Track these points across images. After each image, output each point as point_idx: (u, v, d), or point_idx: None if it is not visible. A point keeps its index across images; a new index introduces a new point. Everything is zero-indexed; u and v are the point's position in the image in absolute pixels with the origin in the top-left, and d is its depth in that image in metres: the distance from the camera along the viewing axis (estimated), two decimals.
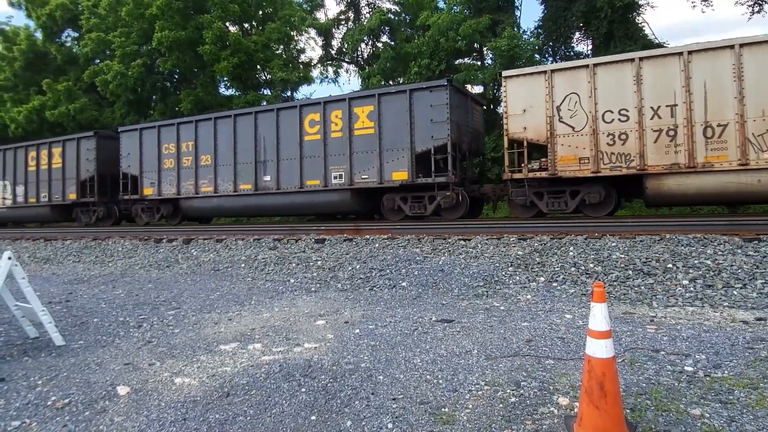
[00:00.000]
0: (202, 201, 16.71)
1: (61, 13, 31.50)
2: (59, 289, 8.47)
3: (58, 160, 19.88)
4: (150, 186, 17.65)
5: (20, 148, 21.27)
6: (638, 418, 2.86)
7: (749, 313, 5.23)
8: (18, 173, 21.21)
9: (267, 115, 15.44)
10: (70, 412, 3.32)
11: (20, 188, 21.15)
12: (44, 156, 20.34)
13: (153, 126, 17.89)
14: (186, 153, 16.92)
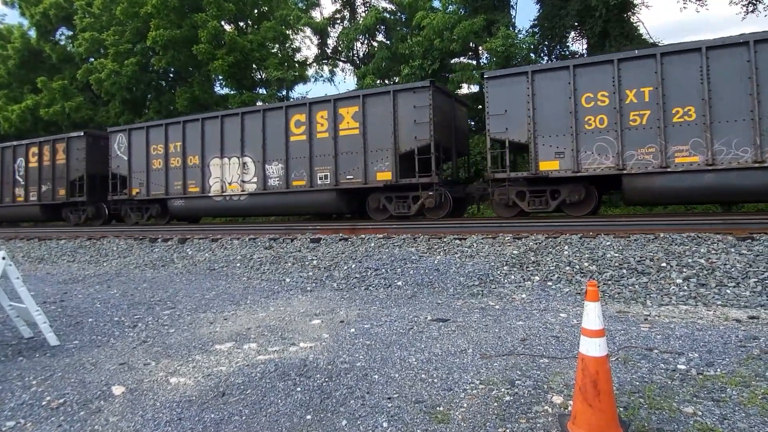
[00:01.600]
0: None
1: (55, 11, 31.32)
2: (54, 288, 8.44)
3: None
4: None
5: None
6: (631, 416, 2.88)
7: (742, 312, 5.27)
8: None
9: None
10: (65, 412, 3.32)
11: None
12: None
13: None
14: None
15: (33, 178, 20.24)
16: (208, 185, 16.11)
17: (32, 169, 20.27)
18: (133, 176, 17.77)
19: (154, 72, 28.85)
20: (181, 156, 16.64)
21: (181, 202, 16.84)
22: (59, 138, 19.74)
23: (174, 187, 16.85)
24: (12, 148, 21.02)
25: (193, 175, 16.44)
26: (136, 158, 17.73)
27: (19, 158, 20.69)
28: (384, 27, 26.22)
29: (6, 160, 21.09)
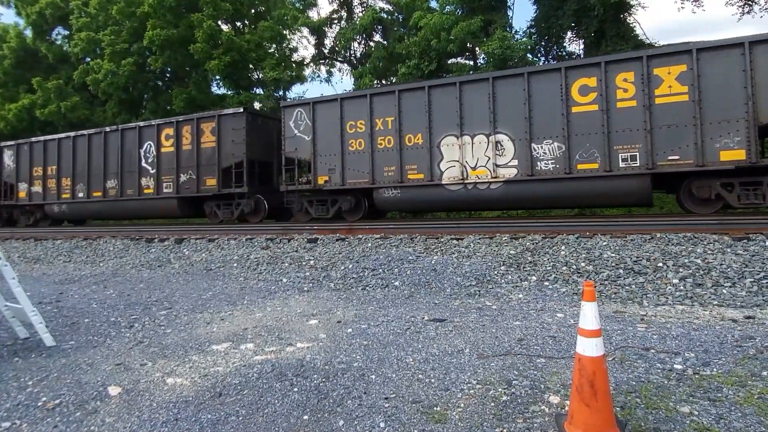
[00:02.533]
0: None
1: (51, 11, 31.20)
2: (50, 289, 8.42)
3: None
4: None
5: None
6: (628, 415, 2.88)
7: (738, 312, 5.29)
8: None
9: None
10: (61, 412, 3.30)
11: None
12: None
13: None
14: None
15: (168, 166, 17.17)
16: (438, 171, 12.86)
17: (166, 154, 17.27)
18: (319, 160, 14.39)
19: (150, 72, 28.78)
20: (395, 134, 13.36)
21: (395, 192, 13.51)
22: (206, 116, 16.50)
23: (384, 174, 13.54)
24: (137, 130, 17.89)
25: (414, 158, 13.18)
26: (322, 138, 14.40)
27: (147, 142, 17.53)
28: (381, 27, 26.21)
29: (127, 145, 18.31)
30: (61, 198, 19.26)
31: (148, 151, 17.35)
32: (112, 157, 18.12)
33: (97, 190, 18.42)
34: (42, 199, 19.79)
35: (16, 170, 20.75)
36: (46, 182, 19.70)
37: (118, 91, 27.55)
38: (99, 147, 18.42)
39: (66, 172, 19.22)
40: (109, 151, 18.24)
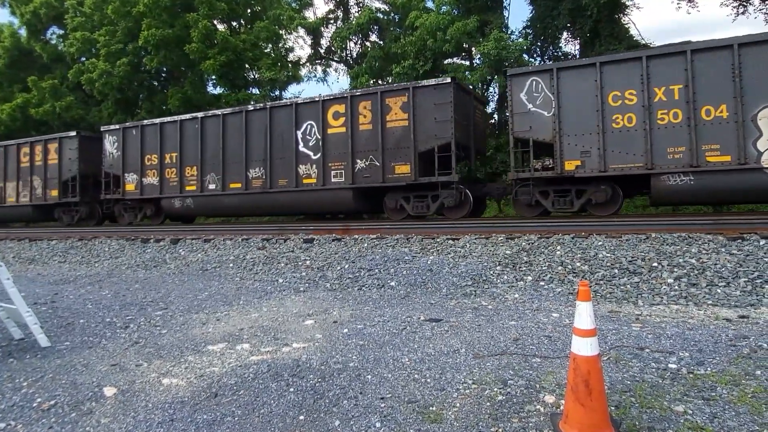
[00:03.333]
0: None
1: (46, 10, 31.06)
2: (45, 289, 8.39)
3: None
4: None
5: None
6: (623, 415, 2.90)
7: (732, 311, 5.32)
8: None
9: None
10: (56, 413, 3.30)
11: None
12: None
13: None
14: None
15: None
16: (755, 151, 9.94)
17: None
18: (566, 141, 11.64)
19: (146, 72, 28.69)
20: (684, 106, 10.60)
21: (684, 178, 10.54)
22: (395, 89, 13.69)
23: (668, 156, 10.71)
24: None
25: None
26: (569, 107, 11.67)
27: (307, 122, 15.13)
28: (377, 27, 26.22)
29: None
30: (184, 191, 16.17)
31: (309, 132, 14.25)
32: (256, 141, 15.05)
33: (235, 180, 15.34)
34: (158, 192, 16.67)
35: (122, 159, 17.61)
36: (163, 172, 16.57)
37: (113, 91, 27.46)
38: (238, 129, 15.35)
39: (191, 160, 16.17)
40: (252, 134, 15.14)
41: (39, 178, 19.74)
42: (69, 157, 18.95)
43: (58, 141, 19.27)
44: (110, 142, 17.96)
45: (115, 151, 17.74)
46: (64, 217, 19.68)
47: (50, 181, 19.39)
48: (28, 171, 20.02)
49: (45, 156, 19.47)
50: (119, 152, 17.66)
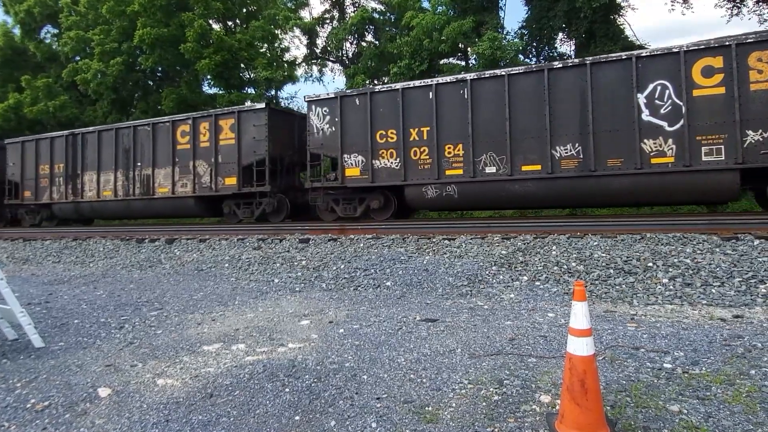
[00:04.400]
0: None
1: (40, 9, 30.87)
2: (39, 290, 8.34)
3: None
4: None
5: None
6: (618, 414, 2.90)
7: (727, 311, 5.34)
8: None
9: None
10: (50, 414, 3.28)
11: None
12: None
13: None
14: None
15: None
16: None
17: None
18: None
19: (141, 71, 28.59)
20: None
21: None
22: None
23: None
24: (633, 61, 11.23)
25: None
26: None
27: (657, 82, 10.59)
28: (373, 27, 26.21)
29: None
30: (443, 176, 12.30)
31: (658, 95, 10.36)
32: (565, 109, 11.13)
33: (529, 162, 11.33)
34: (401, 178, 12.73)
35: (339, 138, 13.66)
36: (407, 153, 12.70)
37: (108, 91, 27.34)
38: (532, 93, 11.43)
39: (452, 136, 12.29)
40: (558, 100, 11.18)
41: None
42: None
43: None
44: (318, 116, 14.00)
45: (327, 127, 13.80)
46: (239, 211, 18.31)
47: None
48: None
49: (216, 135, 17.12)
50: (333, 129, 13.73)
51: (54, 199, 18.45)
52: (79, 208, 18.17)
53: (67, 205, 18.31)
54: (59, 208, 18.67)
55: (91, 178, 17.59)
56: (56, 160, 18.43)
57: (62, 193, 18.22)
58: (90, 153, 17.68)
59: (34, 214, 19.75)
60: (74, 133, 18.24)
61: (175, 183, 15.91)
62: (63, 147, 18.22)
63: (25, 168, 19.23)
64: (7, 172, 19.74)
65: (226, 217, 15.73)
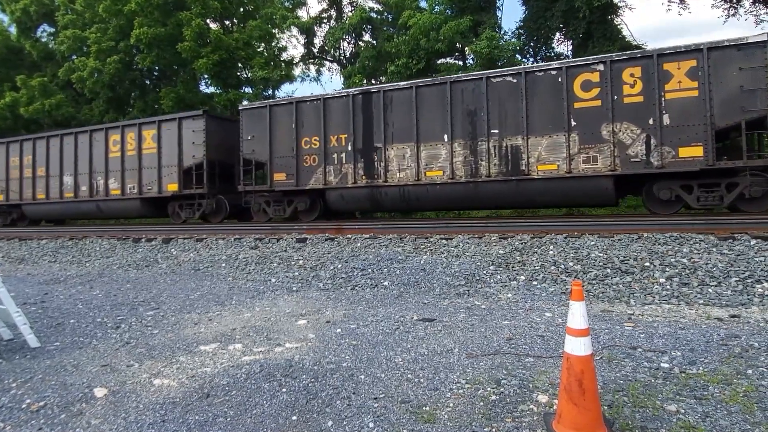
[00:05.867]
0: None
1: (36, 8, 30.75)
2: (34, 289, 8.31)
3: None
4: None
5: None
6: (616, 414, 2.90)
7: (723, 311, 5.35)
8: None
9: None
10: (46, 414, 3.26)
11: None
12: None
13: None
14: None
15: None
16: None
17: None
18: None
19: (137, 70, 28.51)
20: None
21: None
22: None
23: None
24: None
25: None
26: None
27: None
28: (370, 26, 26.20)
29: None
30: None
31: None
32: None
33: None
34: None
35: None
36: None
37: (104, 89, 27.26)
38: None
39: None
40: None
41: None
42: None
43: None
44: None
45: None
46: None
47: None
48: None
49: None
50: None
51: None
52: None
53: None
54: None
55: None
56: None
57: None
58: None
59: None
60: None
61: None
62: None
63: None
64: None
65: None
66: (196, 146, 15.63)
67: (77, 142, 17.97)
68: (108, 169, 17.22)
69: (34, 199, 18.87)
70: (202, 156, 15.49)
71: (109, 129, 17.49)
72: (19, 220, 20.11)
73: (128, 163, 16.85)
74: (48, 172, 18.56)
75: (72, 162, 18.03)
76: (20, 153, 19.24)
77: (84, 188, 17.68)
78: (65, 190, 18.19)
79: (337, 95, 13.75)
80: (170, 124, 16.23)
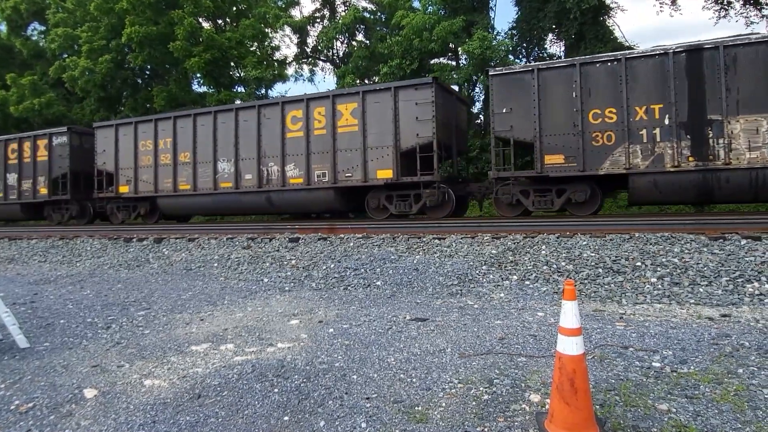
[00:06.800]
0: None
1: (27, 6, 30.54)
2: (24, 289, 8.23)
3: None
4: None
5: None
6: (607, 413, 2.91)
7: (714, 310, 5.38)
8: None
9: None
10: (35, 416, 3.23)
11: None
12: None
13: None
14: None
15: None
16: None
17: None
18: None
19: (129, 69, 28.34)
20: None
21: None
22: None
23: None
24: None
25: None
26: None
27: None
28: (363, 26, 26.17)
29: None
30: None
31: None
32: None
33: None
34: None
35: None
36: None
37: (96, 88, 27.08)
38: None
39: None
40: None
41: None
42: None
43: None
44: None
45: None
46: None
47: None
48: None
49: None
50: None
51: None
52: None
53: None
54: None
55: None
56: None
57: None
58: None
59: None
60: None
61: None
62: None
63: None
64: None
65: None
66: (422, 123, 12.55)
67: (238, 120, 14.94)
68: (285, 152, 14.18)
69: (175, 190, 15.83)
70: (431, 134, 12.43)
71: (286, 103, 14.44)
72: (147, 216, 17.24)
73: (315, 145, 13.79)
74: (195, 158, 15.53)
75: (230, 145, 14.96)
76: (155, 135, 16.31)
77: (249, 177, 14.70)
78: (220, 180, 15.14)
79: (646, 54, 10.84)
80: (380, 96, 13.13)
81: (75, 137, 17.96)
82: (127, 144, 16.74)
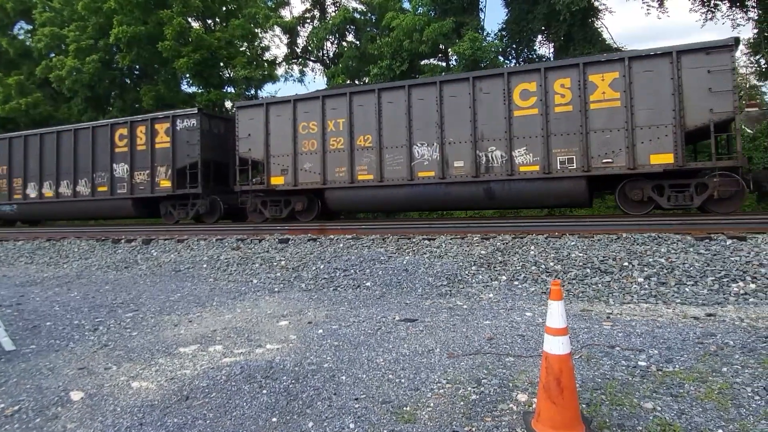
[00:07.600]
0: None
1: (13, 5, 30.22)
2: (10, 291, 8.15)
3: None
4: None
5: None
6: (593, 412, 2.94)
7: (700, 309, 5.44)
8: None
9: None
10: (20, 419, 3.20)
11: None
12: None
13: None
14: None
15: None
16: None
17: None
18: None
19: (117, 69, 28.12)
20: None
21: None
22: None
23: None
24: None
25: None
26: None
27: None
28: (353, 27, 26.17)
29: None
30: None
31: None
32: None
33: None
34: None
35: None
36: None
37: (83, 89, 26.84)
38: None
39: None
40: None
41: None
42: None
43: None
44: None
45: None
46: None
47: None
48: None
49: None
50: None
51: None
52: None
53: None
54: None
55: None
56: None
57: None
58: None
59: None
60: None
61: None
62: None
63: None
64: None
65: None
66: (717, 96, 9.94)
67: (443, 95, 12.23)
68: (512, 134, 11.48)
69: (353, 181, 13.07)
70: (732, 110, 9.88)
71: (513, 74, 11.73)
72: (303, 213, 14.15)
73: (556, 125, 11.12)
74: (381, 142, 12.77)
75: (432, 125, 12.28)
76: (322, 114, 13.54)
77: (461, 164, 11.97)
78: (418, 168, 12.39)
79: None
80: (653, 62, 10.48)
81: (205, 120, 15.33)
82: (281, 126, 13.97)
